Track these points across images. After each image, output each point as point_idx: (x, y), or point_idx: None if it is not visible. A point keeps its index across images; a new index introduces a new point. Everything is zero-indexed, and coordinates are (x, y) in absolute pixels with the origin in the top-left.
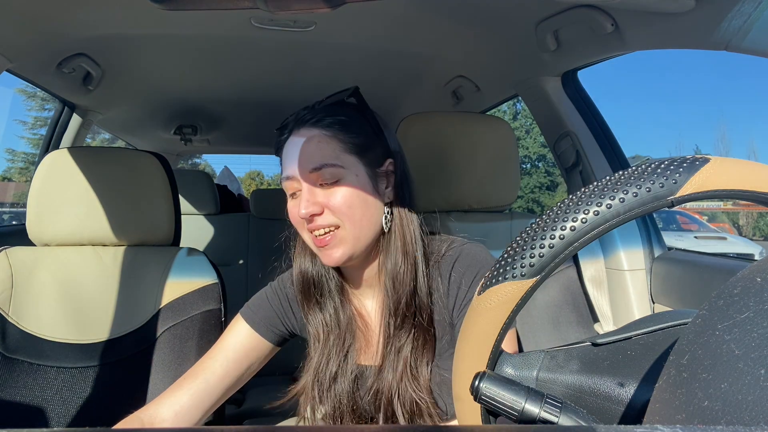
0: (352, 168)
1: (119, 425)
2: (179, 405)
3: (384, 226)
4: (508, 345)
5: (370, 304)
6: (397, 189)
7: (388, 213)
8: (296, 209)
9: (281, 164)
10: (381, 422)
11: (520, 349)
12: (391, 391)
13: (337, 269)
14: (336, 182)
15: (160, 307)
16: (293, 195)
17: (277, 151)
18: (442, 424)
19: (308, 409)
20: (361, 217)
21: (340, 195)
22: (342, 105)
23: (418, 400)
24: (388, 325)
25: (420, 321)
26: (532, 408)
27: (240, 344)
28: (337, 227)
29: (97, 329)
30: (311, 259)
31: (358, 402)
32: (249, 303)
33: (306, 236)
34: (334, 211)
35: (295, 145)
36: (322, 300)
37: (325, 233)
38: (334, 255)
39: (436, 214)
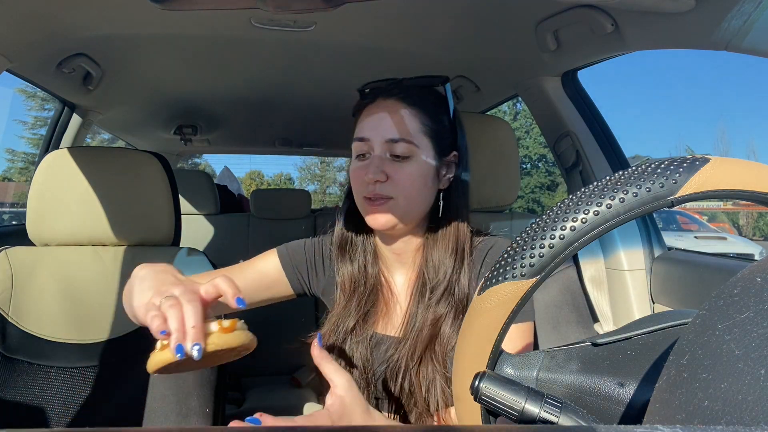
0: (424, 150)
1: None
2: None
3: (439, 212)
4: (525, 338)
5: (400, 278)
6: (454, 180)
7: (441, 200)
8: (362, 171)
9: (355, 125)
10: (395, 391)
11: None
12: (406, 366)
13: (376, 238)
14: (406, 158)
15: None
16: (360, 157)
17: (355, 112)
18: (445, 412)
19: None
20: (416, 196)
21: (406, 171)
22: (429, 90)
23: (428, 379)
24: (417, 302)
25: (451, 305)
26: (532, 408)
27: (264, 272)
28: (391, 198)
29: (97, 329)
30: (355, 221)
31: (372, 366)
32: (287, 244)
33: (359, 197)
34: (396, 183)
35: (378, 112)
36: (355, 256)
37: (379, 199)
38: (380, 219)
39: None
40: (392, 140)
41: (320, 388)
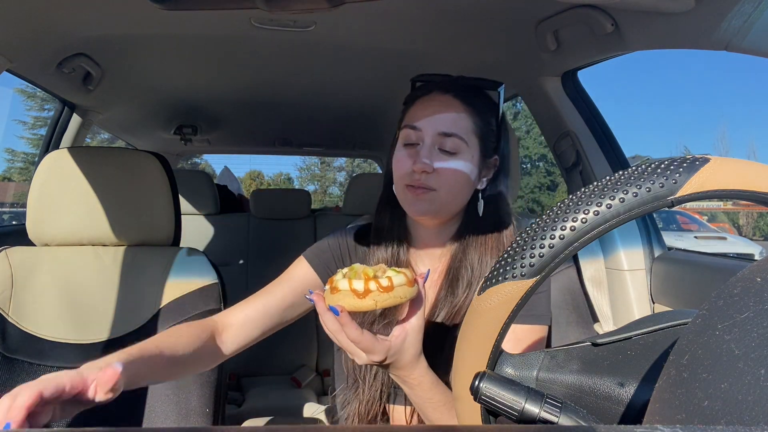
0: (472, 148)
1: (193, 327)
2: (244, 314)
3: (479, 211)
4: (533, 341)
5: (426, 268)
6: (492, 183)
7: (480, 199)
8: (408, 160)
9: (405, 113)
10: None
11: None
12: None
13: (409, 228)
14: (454, 154)
15: (160, 307)
16: (408, 145)
17: (408, 102)
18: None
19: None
20: (457, 191)
21: (452, 166)
22: (482, 92)
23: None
24: (445, 294)
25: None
26: (532, 408)
27: (298, 277)
28: (434, 190)
29: (97, 329)
30: (391, 209)
31: None
32: (311, 248)
33: (401, 184)
34: (440, 176)
35: (434, 104)
36: (389, 243)
37: (421, 188)
38: (420, 208)
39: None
40: (445, 134)
41: (320, 388)
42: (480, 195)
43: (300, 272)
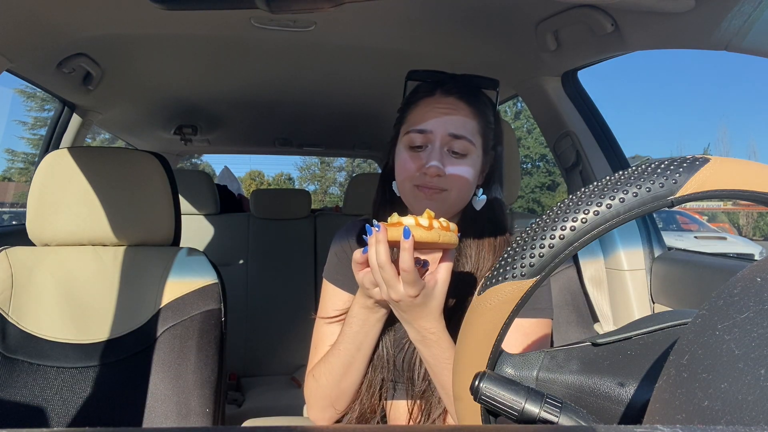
0: (478, 148)
1: None
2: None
3: (475, 205)
4: (536, 334)
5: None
6: (489, 177)
7: (482, 194)
8: (416, 162)
9: (407, 114)
10: (415, 377)
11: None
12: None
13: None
14: (463, 155)
15: (160, 307)
16: (415, 148)
17: (410, 103)
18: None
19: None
20: (466, 191)
21: (463, 168)
22: (481, 92)
23: None
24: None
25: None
26: (532, 408)
27: (334, 298)
28: (445, 190)
29: (97, 329)
30: (390, 209)
31: (393, 351)
32: (327, 264)
33: (409, 185)
34: (451, 178)
35: (441, 106)
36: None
37: (435, 189)
38: (432, 207)
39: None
40: (455, 136)
41: None
42: (479, 191)
43: (331, 293)
